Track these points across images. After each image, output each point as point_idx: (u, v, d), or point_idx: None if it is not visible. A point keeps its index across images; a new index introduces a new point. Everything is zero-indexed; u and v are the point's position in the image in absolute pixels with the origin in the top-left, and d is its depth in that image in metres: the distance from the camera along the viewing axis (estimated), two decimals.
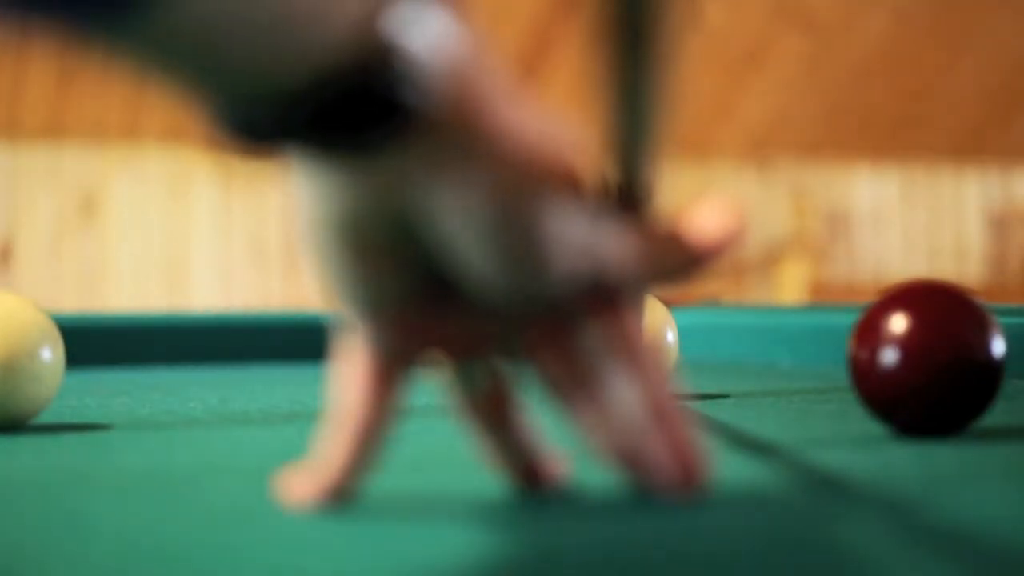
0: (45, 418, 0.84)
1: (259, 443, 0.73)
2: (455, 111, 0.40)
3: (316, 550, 0.41)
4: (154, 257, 4.16)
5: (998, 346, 0.65)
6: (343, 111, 0.37)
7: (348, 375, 0.48)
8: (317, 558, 0.40)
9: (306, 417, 0.87)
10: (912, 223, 5.18)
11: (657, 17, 0.41)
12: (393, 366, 0.48)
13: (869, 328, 0.67)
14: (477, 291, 0.44)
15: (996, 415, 0.76)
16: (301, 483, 0.48)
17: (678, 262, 0.48)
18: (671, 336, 0.94)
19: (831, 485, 0.55)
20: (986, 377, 0.65)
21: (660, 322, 0.94)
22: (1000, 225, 5.29)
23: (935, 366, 0.64)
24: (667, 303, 1.67)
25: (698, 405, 0.91)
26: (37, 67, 3.79)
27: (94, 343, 1.48)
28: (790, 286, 4.82)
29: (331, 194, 0.43)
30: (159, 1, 0.32)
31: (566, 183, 0.43)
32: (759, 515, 0.47)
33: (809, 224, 5.01)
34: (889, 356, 0.65)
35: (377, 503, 0.51)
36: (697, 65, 4.48)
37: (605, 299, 0.46)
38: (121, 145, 4.06)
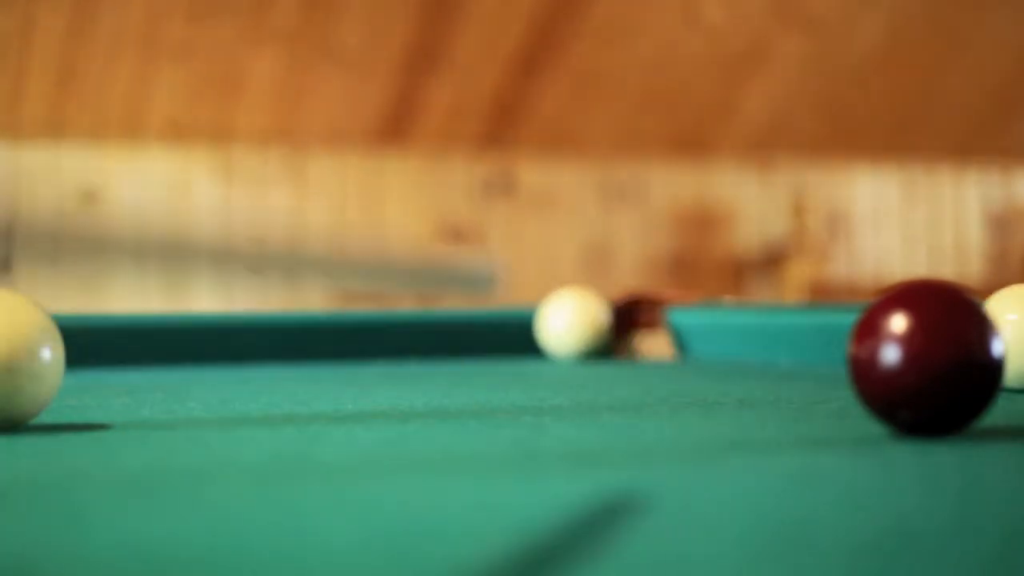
0: (45, 418, 0.84)
1: (259, 443, 0.73)
2: None
3: (315, 548, 0.41)
4: (154, 257, 4.16)
5: (998, 346, 0.65)
6: None
7: None
8: (316, 556, 0.40)
9: (306, 417, 0.86)
10: (912, 223, 5.18)
11: None
12: None
13: (869, 328, 0.67)
14: None
15: (996, 415, 0.76)
16: None
17: None
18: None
19: (831, 485, 0.55)
20: (986, 377, 0.65)
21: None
22: (1000, 225, 5.29)
23: (935, 366, 0.64)
24: (667, 303, 1.67)
25: (698, 406, 0.91)
26: (37, 67, 3.79)
27: (94, 343, 1.48)
28: (790, 286, 4.82)
29: None
30: None
31: None
32: (759, 514, 0.47)
33: (809, 224, 5.01)
34: (889, 356, 0.65)
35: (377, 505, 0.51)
36: (697, 65, 4.48)
37: None
38: (121, 144, 4.06)
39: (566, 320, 1.50)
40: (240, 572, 0.39)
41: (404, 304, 4.36)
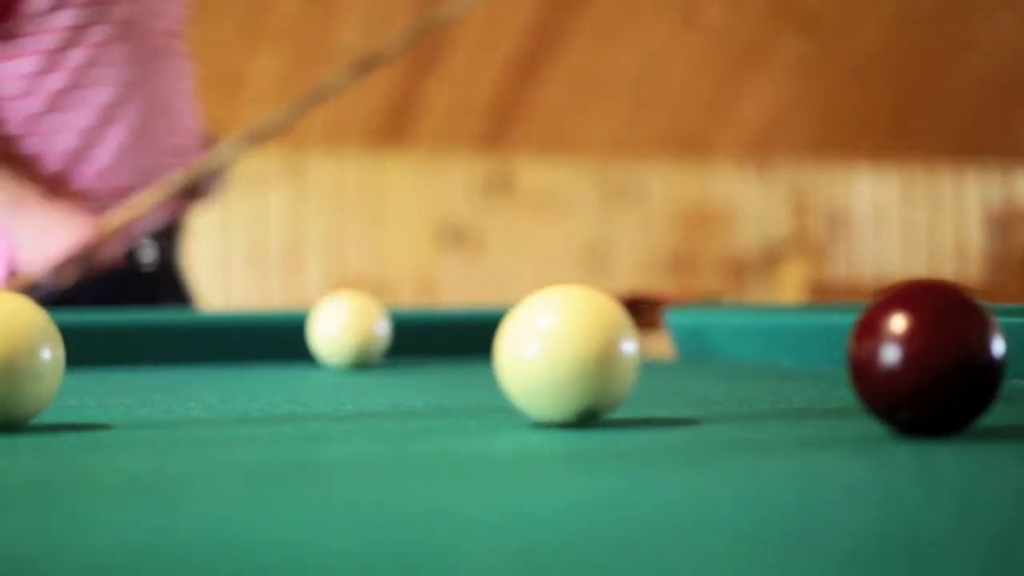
0: (45, 418, 0.84)
1: (259, 443, 0.73)
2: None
3: (316, 549, 0.41)
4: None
5: (998, 346, 0.65)
6: None
7: None
8: (316, 557, 0.40)
9: (306, 417, 0.86)
10: (912, 223, 5.18)
11: None
12: None
13: (869, 328, 0.67)
14: None
15: (996, 415, 0.76)
16: None
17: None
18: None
19: (831, 485, 0.55)
20: (986, 377, 0.65)
21: None
22: (1000, 225, 5.29)
23: (935, 366, 0.64)
24: (667, 303, 1.67)
25: (698, 406, 0.91)
26: None
27: (94, 343, 1.48)
28: (790, 286, 4.82)
29: None
30: None
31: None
32: (760, 514, 0.47)
33: (809, 224, 5.01)
34: (889, 356, 0.65)
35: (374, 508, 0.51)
36: (697, 65, 4.47)
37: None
38: None
39: (339, 325, 1.38)
40: (240, 573, 0.39)
41: (404, 290, 4.36)
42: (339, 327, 1.37)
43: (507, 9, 4.07)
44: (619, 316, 0.75)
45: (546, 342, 0.72)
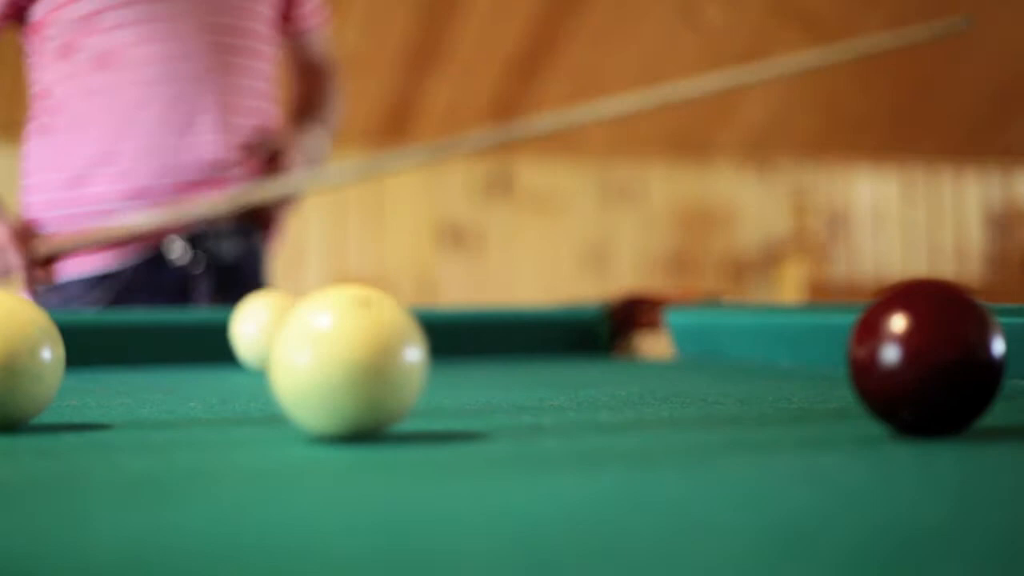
0: (45, 418, 0.84)
1: (259, 443, 0.73)
2: None
3: (316, 549, 0.41)
4: None
5: (998, 346, 0.65)
6: None
7: None
8: (317, 557, 0.40)
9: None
10: (912, 223, 5.18)
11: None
12: None
13: (869, 328, 0.67)
14: None
15: (996, 415, 0.76)
16: None
17: None
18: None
19: (831, 485, 0.55)
20: (986, 377, 0.65)
21: None
22: (1000, 225, 5.29)
23: (935, 366, 0.64)
24: (667, 302, 1.67)
25: (698, 406, 0.91)
26: None
27: (94, 343, 1.48)
28: (790, 286, 4.82)
29: None
30: None
31: None
32: (759, 515, 0.47)
33: (809, 224, 5.01)
34: (889, 356, 0.65)
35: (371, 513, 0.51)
36: (697, 65, 4.47)
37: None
38: None
39: (258, 326, 1.33)
40: (240, 572, 0.39)
41: (405, 291, 4.36)
42: (259, 329, 1.33)
43: (507, 9, 4.07)
44: (401, 320, 0.67)
45: (316, 347, 0.66)
